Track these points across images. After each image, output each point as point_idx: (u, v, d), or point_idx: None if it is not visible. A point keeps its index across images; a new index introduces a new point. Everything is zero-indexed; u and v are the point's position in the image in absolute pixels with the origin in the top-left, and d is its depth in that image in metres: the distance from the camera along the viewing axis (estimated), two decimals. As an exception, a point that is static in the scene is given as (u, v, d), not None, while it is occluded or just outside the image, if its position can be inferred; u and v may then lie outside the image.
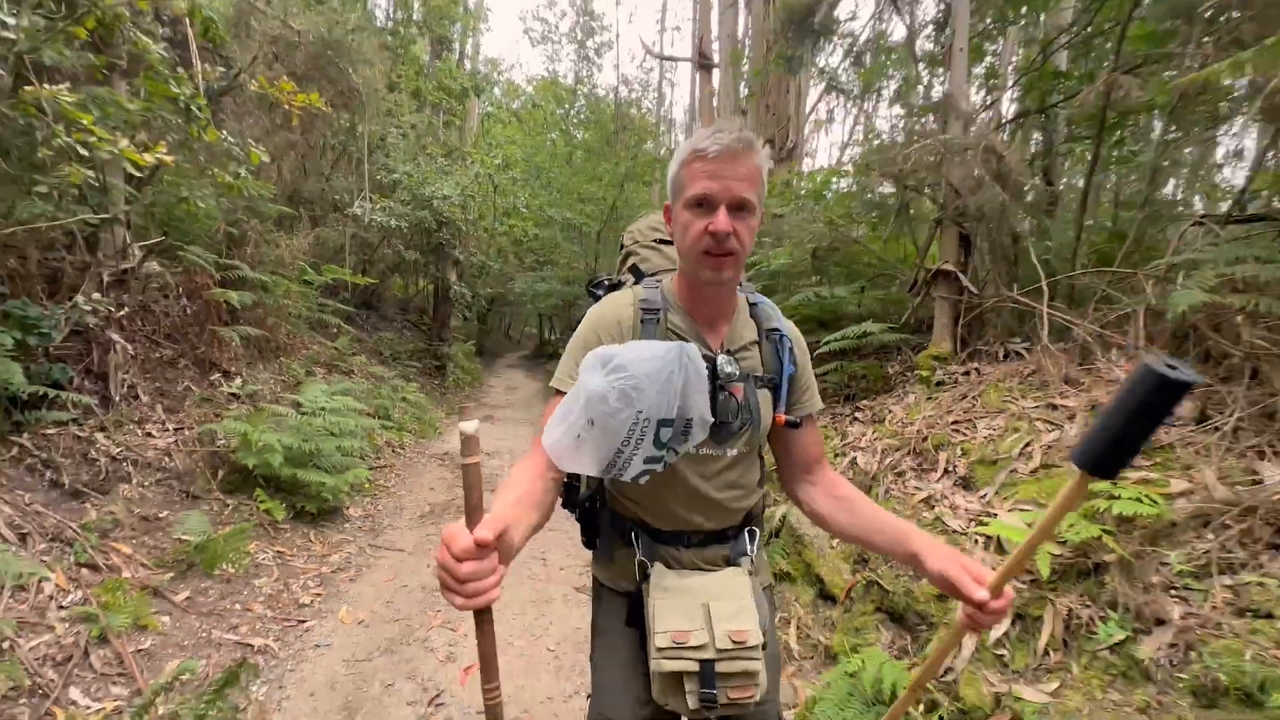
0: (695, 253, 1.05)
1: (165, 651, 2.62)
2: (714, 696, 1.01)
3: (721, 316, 1.17)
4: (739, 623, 1.04)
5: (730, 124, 1.07)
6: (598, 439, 0.92)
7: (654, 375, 0.91)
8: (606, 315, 1.15)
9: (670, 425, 0.96)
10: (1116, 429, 0.68)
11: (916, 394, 3.51)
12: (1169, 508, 1.97)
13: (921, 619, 2.39)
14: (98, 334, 3.65)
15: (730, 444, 1.14)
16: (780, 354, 1.17)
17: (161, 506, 3.54)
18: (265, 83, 3.66)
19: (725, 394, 1.09)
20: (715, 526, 1.18)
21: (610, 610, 1.25)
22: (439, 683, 2.70)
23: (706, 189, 1.01)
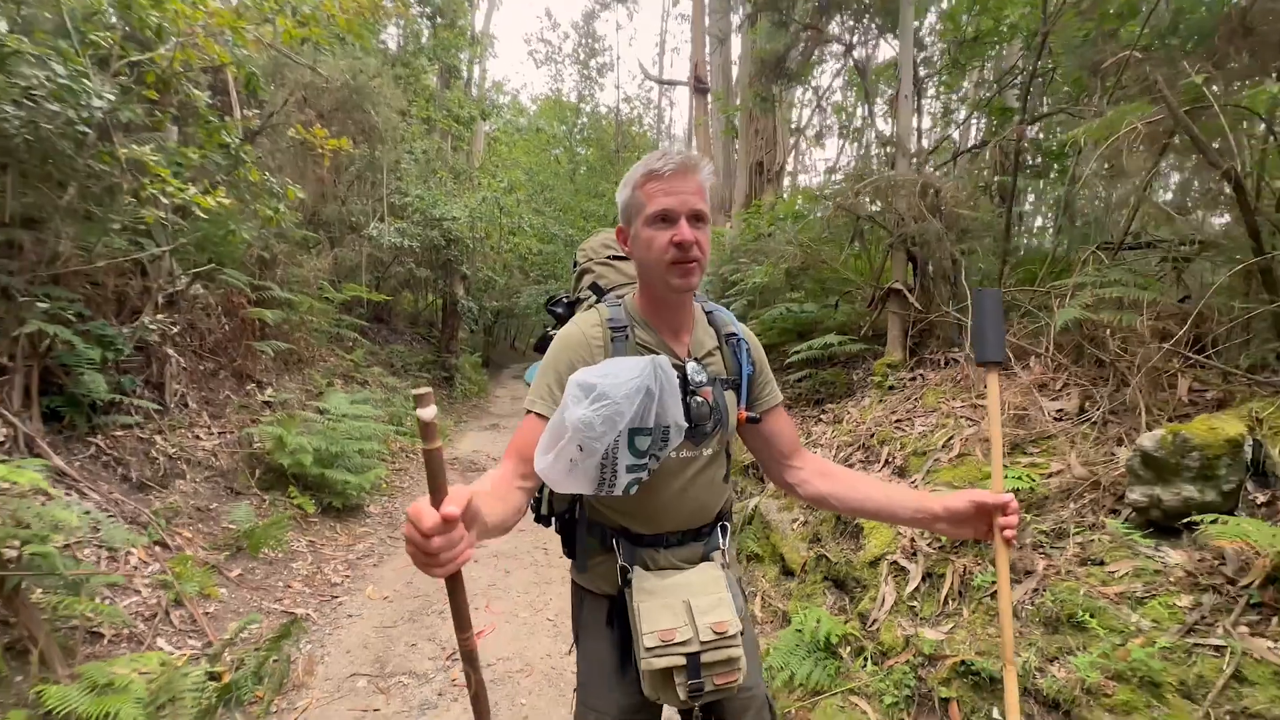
0: (663, 264, 1.10)
1: (226, 615, 3.11)
2: (701, 685, 1.07)
3: (683, 326, 1.23)
4: (719, 614, 1.10)
5: (674, 146, 1.39)
6: (587, 463, 0.97)
7: (632, 395, 0.96)
8: (576, 337, 1.18)
9: (647, 434, 1.01)
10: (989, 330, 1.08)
11: (871, 397, 3.99)
12: (1044, 484, 2.44)
13: (857, 583, 2.86)
14: (156, 349, 4.19)
15: (705, 444, 1.20)
16: (739, 356, 1.25)
17: (211, 499, 4.05)
18: (302, 129, 4.21)
19: (697, 399, 1.14)
20: (694, 525, 1.24)
21: (591, 613, 1.29)
22: (454, 645, 3.18)
23: (666, 204, 1.08)
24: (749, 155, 8.54)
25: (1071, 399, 2.77)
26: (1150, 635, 1.85)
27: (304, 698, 2.64)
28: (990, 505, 1.04)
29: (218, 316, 5.11)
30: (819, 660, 2.61)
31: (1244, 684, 1.63)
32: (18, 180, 3.36)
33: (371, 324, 10.16)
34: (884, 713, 2.26)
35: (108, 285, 3.79)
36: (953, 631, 2.33)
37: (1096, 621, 1.99)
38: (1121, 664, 1.81)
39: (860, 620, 2.70)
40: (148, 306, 4.08)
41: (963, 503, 1.07)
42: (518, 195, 11.33)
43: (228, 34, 3.54)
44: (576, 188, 17.45)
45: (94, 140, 3.34)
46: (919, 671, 2.28)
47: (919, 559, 2.64)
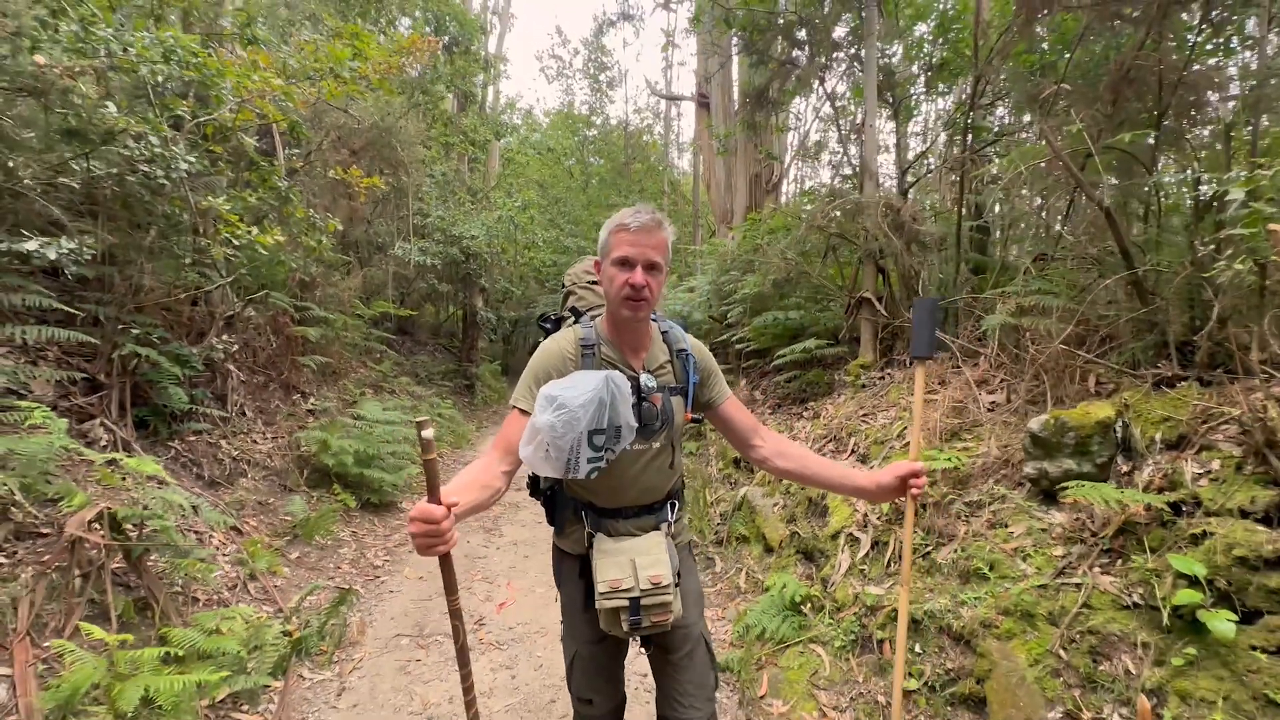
0: (619, 298, 1.38)
1: (290, 589, 3.69)
2: (639, 620, 1.39)
3: (640, 344, 1.51)
4: (655, 570, 1.40)
5: (646, 208, 1.43)
6: (555, 454, 1.26)
7: (587, 404, 1.23)
8: (554, 350, 1.47)
9: (602, 433, 1.28)
10: (921, 331, 1.45)
11: (846, 395, 4.46)
12: (968, 464, 2.90)
13: (821, 553, 3.34)
14: (220, 365, 4.83)
15: (654, 439, 1.48)
16: (686, 368, 1.53)
17: (269, 495, 4.66)
18: (340, 171, 4.82)
19: (648, 403, 1.42)
20: (646, 502, 1.53)
21: (567, 569, 1.62)
22: (481, 613, 3.72)
23: (628, 253, 1.35)
24: (748, 169, 9.03)
25: (1002, 393, 3.22)
26: (1033, 579, 2.31)
27: (359, 651, 3.20)
28: (905, 472, 1.41)
29: (268, 335, 5.75)
30: (786, 617, 3.09)
31: (1091, 610, 2.09)
32: (105, 225, 4.01)
33: (398, 337, 10.83)
34: (835, 654, 2.74)
35: (181, 313, 4.43)
36: (891, 588, 2.80)
37: (995, 572, 2.45)
38: (1006, 602, 2.28)
39: (822, 584, 3.18)
40: (212, 329, 4.72)
41: (888, 476, 1.43)
42: (531, 213, 11.94)
43: (279, 94, 4.16)
44: (589, 199, 18.06)
45: (169, 190, 3.98)
46: (863, 620, 2.76)
47: (869, 530, 3.11)
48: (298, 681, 2.85)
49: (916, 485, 1.41)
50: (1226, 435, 2.19)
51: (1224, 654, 1.78)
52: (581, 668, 1.63)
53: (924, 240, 4.05)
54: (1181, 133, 2.97)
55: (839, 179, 5.89)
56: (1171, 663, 1.84)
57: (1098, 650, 2.00)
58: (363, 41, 4.41)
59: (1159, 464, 2.30)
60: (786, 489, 4.02)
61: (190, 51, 3.35)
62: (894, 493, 1.45)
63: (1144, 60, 2.65)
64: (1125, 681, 1.90)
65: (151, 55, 3.18)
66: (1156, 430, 2.39)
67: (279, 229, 4.05)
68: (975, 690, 2.18)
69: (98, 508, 2.62)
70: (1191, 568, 1.88)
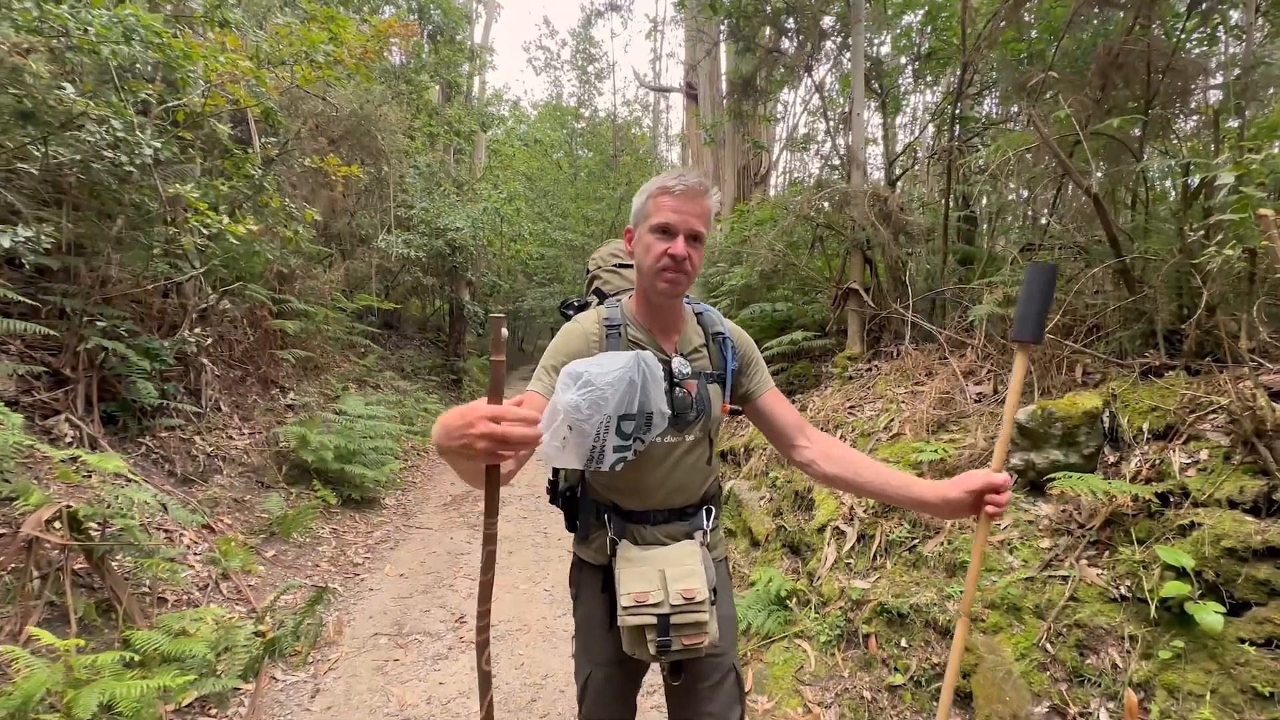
0: (654, 270, 1.22)
1: (265, 588, 3.59)
2: (668, 643, 1.18)
3: (673, 326, 1.34)
4: (689, 582, 1.20)
5: (692, 171, 1.28)
6: (577, 441, 1.07)
7: (615, 383, 1.06)
8: (576, 331, 1.30)
9: (632, 419, 1.10)
10: (1030, 308, 1.06)
11: (833, 387, 4.42)
12: (955, 455, 2.87)
13: (807, 547, 3.29)
14: (193, 359, 4.69)
15: (688, 431, 1.31)
16: (724, 353, 1.35)
17: (245, 492, 4.55)
18: (317, 159, 4.69)
19: (681, 391, 1.26)
20: (678, 505, 1.34)
21: (588, 581, 1.42)
22: (463, 610, 3.64)
23: (670, 219, 1.20)
24: (735, 161, 8.96)
25: (989, 383, 3.19)
26: (1019, 572, 2.28)
27: (335, 652, 3.12)
28: (980, 486, 1.12)
29: (244, 328, 5.61)
30: (772, 612, 3.05)
31: (1078, 603, 2.06)
32: (70, 214, 3.86)
33: (382, 331, 10.67)
34: (820, 649, 2.70)
35: (151, 304, 4.29)
36: (877, 581, 2.76)
37: (982, 565, 2.41)
38: (993, 595, 2.24)
39: (808, 578, 3.14)
40: (184, 322, 4.58)
41: (956, 490, 1.14)
42: (518, 204, 11.80)
43: (251, 79, 4.02)
44: (577, 192, 17.91)
45: (137, 177, 3.84)
46: (848, 614, 2.72)
47: (855, 523, 3.07)
48: (270, 683, 2.77)
49: (996, 503, 1.12)
50: (1214, 425, 2.17)
51: (1212, 647, 1.75)
52: (595, 693, 1.41)
53: (911, 231, 4.01)
54: (1169, 120, 2.93)
55: (826, 169, 5.84)
56: (1159, 656, 1.81)
57: (1085, 644, 1.97)
58: (338, 25, 4.28)
59: (1146, 454, 2.27)
60: (773, 481, 3.98)
61: (153, 32, 3.21)
62: (964, 510, 1.16)
63: (1132, 45, 2.60)
64: (1112, 675, 1.87)
65: (111, 35, 3.04)
66: (1144, 420, 2.36)
67: (252, 218, 3.92)
68: (961, 685, 2.14)
69: (56, 507, 2.52)
70: (1179, 559, 1.84)
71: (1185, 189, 2.63)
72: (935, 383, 3.46)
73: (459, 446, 0.86)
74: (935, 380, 3.52)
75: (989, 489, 1.12)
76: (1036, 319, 1.08)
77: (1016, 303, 1.10)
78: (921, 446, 3.01)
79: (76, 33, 3.06)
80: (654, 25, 19.36)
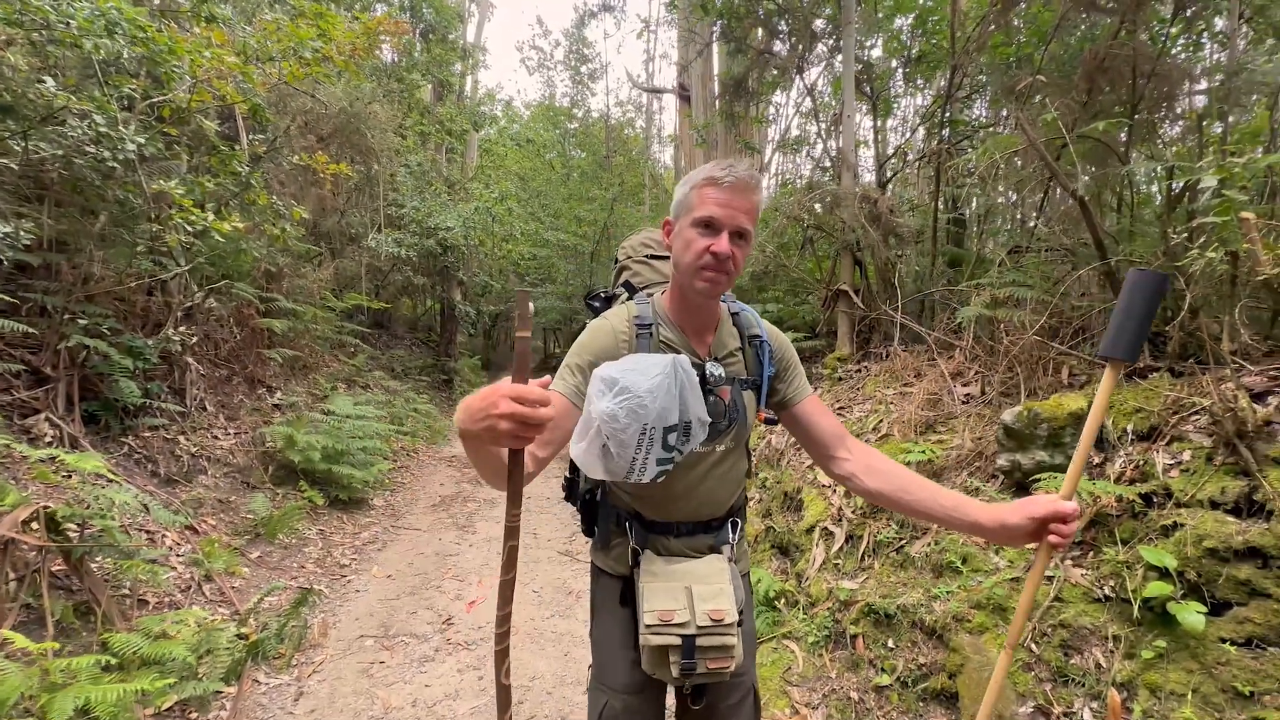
0: (694, 268, 1.14)
1: (249, 590, 3.55)
2: (693, 666, 1.12)
3: (707, 327, 1.26)
4: (717, 603, 1.14)
5: (742, 162, 1.16)
6: (616, 451, 1.01)
7: (655, 390, 0.99)
8: (605, 329, 1.23)
9: (674, 430, 1.03)
10: (1130, 322, 0.89)
11: (823, 389, 4.43)
12: (943, 456, 2.88)
13: (796, 548, 3.30)
14: (177, 358, 4.63)
15: (719, 441, 1.23)
16: (761, 357, 1.27)
17: (230, 493, 4.49)
18: (306, 157, 4.64)
19: (714, 397, 1.18)
20: (704, 517, 1.28)
21: (606, 592, 1.34)
22: (450, 612, 3.62)
23: (714, 214, 1.11)
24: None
25: (977, 385, 3.20)
26: (1005, 573, 2.29)
27: (319, 654, 3.08)
28: (1046, 514, 1.01)
29: (230, 327, 5.55)
30: (761, 613, 3.05)
31: (1063, 603, 2.07)
32: (52, 210, 3.80)
33: (373, 330, 10.60)
34: (808, 650, 2.70)
35: (135, 302, 4.23)
36: (865, 582, 2.77)
37: (968, 565, 2.43)
38: (978, 595, 2.25)
39: (796, 579, 3.14)
40: (169, 320, 4.52)
41: (1017, 516, 1.03)
42: (509, 204, 11.77)
43: (238, 75, 3.98)
44: (570, 192, 17.85)
45: (121, 173, 3.79)
46: (836, 615, 2.72)
47: (844, 524, 3.07)
48: (252, 686, 2.73)
49: (1061, 534, 1.01)
50: (1197, 426, 2.19)
51: (1193, 646, 1.77)
52: None
53: (901, 233, 4.03)
54: (1154, 124, 2.96)
55: (817, 171, 5.87)
56: (1142, 655, 1.82)
57: (1069, 644, 1.98)
58: (327, 21, 4.24)
59: (1130, 455, 2.29)
60: (762, 482, 3.98)
61: (138, 26, 3.17)
62: (1023, 538, 1.05)
63: (1118, 50, 2.63)
64: (1096, 675, 1.88)
65: (94, 29, 2.99)
66: (1128, 421, 2.38)
67: (239, 216, 3.88)
68: (948, 685, 2.15)
69: (33, 507, 2.47)
70: (1162, 559, 1.86)
71: (1169, 192, 2.66)
72: (923, 384, 3.47)
73: (481, 429, 0.82)
74: (924, 381, 3.53)
75: (1055, 517, 1.00)
76: (1135, 334, 0.91)
77: (1112, 313, 0.94)
78: (909, 447, 3.02)
79: (58, 26, 3.01)
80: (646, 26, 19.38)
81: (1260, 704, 1.62)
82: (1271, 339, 2.28)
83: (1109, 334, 0.94)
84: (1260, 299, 2.21)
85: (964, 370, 3.45)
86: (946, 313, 3.86)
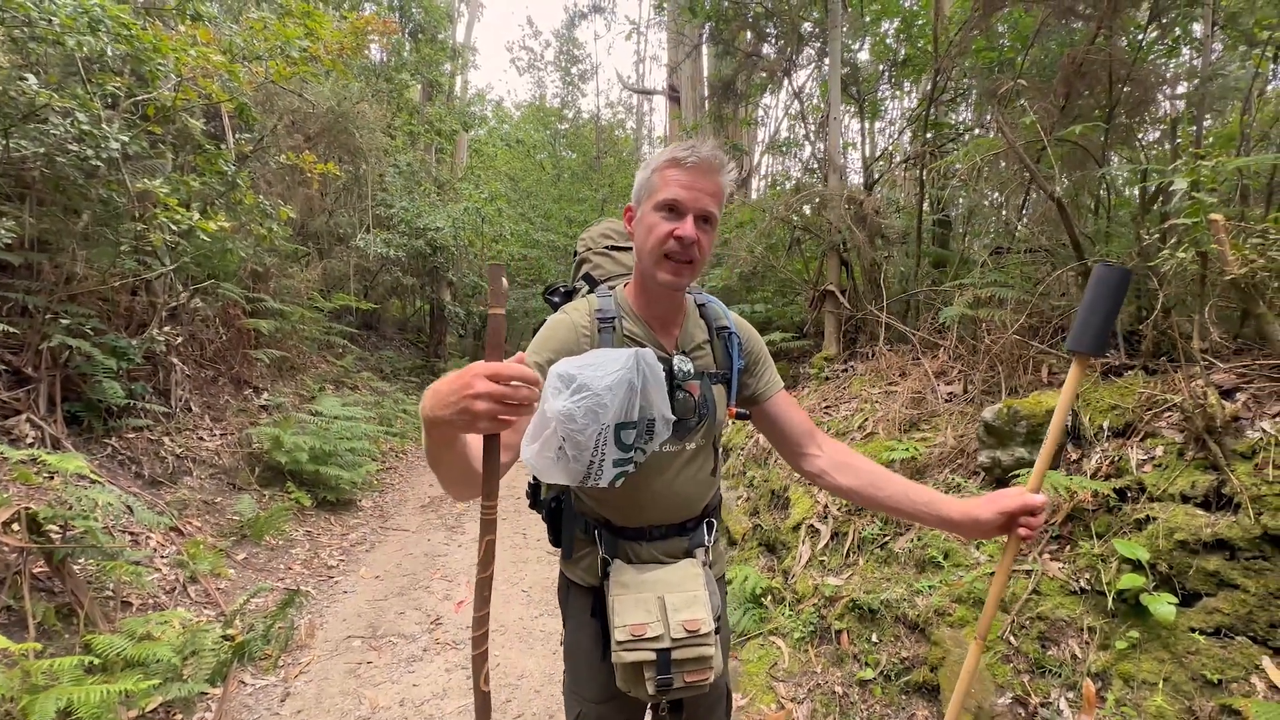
0: (657, 255, 1.08)
1: (235, 591, 3.53)
2: (670, 681, 1.07)
3: (673, 319, 1.20)
4: (692, 612, 1.09)
5: (706, 141, 1.09)
6: (573, 454, 0.95)
7: (614, 388, 0.93)
8: (565, 324, 1.16)
9: (632, 427, 0.98)
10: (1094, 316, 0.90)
11: (810, 388, 4.47)
12: (925, 454, 2.92)
13: (783, 545, 3.33)
14: (162, 358, 4.59)
15: (689, 438, 1.18)
16: (730, 350, 1.22)
17: (216, 494, 4.46)
18: (292, 156, 4.62)
19: (683, 392, 1.13)
20: (678, 519, 1.22)
21: (576, 604, 1.28)
22: (439, 612, 3.61)
23: (678, 196, 1.05)
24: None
25: (960, 383, 3.25)
26: (985, 567, 2.33)
27: (306, 655, 3.07)
28: (1015, 508, 1.02)
29: (216, 327, 5.51)
30: (748, 610, 3.07)
31: (1040, 596, 2.11)
32: (34, 208, 3.76)
33: (361, 331, 10.54)
34: (794, 646, 2.73)
35: (119, 302, 4.19)
36: (849, 578, 2.80)
37: (950, 560, 2.47)
38: (959, 590, 2.29)
39: (783, 575, 3.17)
40: (154, 320, 4.49)
41: (987, 511, 1.04)
42: (499, 205, 11.75)
43: (224, 73, 3.96)
44: (560, 193, 17.87)
45: (104, 172, 3.76)
46: (821, 611, 2.75)
47: (829, 521, 3.11)
48: (238, 688, 2.72)
49: (1029, 525, 1.03)
50: (1169, 422, 2.24)
51: (1165, 636, 1.81)
52: None
53: (887, 234, 4.08)
54: (1131, 128, 3.03)
55: (805, 173, 5.94)
56: (1115, 646, 1.87)
57: (1046, 635, 2.02)
58: (314, 20, 4.22)
59: (1106, 451, 2.34)
60: (750, 480, 4.01)
61: (121, 23, 3.15)
62: (994, 531, 1.06)
63: (1095, 55, 2.69)
64: (1072, 665, 1.92)
65: (77, 26, 2.97)
66: (1104, 418, 2.43)
67: (225, 215, 3.85)
68: (929, 678, 2.18)
69: (14, 508, 2.45)
70: (1135, 552, 1.90)
71: (1144, 194, 2.72)
72: (908, 383, 3.52)
73: (454, 414, 0.75)
74: (908, 380, 3.58)
75: (1024, 510, 1.02)
76: (1099, 328, 0.92)
77: (1078, 308, 0.96)
78: (894, 445, 3.06)
79: (40, 22, 2.98)
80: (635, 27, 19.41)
81: (1228, 691, 1.66)
82: (1240, 337, 2.34)
83: (1075, 328, 0.96)
84: (1229, 298, 2.27)
85: (947, 369, 3.50)
86: (931, 312, 3.92)
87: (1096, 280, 0.93)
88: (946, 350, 3.66)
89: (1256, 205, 2.81)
